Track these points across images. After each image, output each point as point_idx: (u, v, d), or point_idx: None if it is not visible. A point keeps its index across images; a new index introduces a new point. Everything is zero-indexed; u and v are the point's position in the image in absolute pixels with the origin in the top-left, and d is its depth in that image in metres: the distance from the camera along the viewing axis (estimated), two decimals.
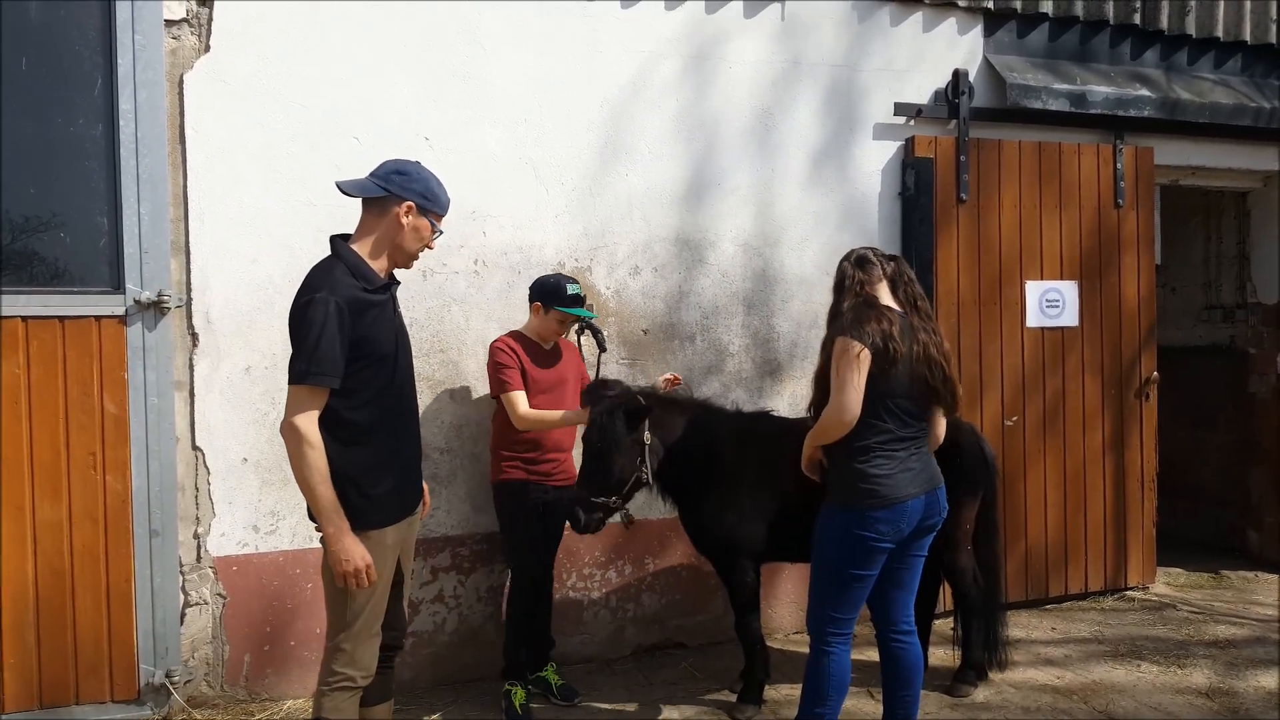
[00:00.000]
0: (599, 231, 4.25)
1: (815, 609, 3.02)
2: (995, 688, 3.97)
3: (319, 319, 2.44)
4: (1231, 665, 4.22)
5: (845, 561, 2.93)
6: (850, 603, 2.96)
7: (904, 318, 2.99)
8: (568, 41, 4.17)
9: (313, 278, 2.56)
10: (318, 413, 2.48)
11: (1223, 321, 6.21)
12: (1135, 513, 5.20)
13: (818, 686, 2.98)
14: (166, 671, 3.60)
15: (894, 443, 2.92)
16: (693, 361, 4.42)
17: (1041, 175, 4.96)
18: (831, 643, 2.98)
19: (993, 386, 4.86)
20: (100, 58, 3.54)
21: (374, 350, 2.56)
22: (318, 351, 2.43)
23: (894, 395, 2.90)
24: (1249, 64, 5.46)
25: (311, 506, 2.52)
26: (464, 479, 4.07)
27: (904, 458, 2.93)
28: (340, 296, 2.48)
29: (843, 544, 2.92)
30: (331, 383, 2.46)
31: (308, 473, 2.46)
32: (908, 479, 2.91)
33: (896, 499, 2.88)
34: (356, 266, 2.59)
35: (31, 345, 3.45)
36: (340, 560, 2.48)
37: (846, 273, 3.08)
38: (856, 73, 4.66)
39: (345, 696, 2.61)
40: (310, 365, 2.43)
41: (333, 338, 2.44)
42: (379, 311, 2.60)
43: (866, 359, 2.85)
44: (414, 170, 2.68)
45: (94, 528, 3.52)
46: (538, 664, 3.89)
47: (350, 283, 2.53)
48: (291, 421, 2.46)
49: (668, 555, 4.40)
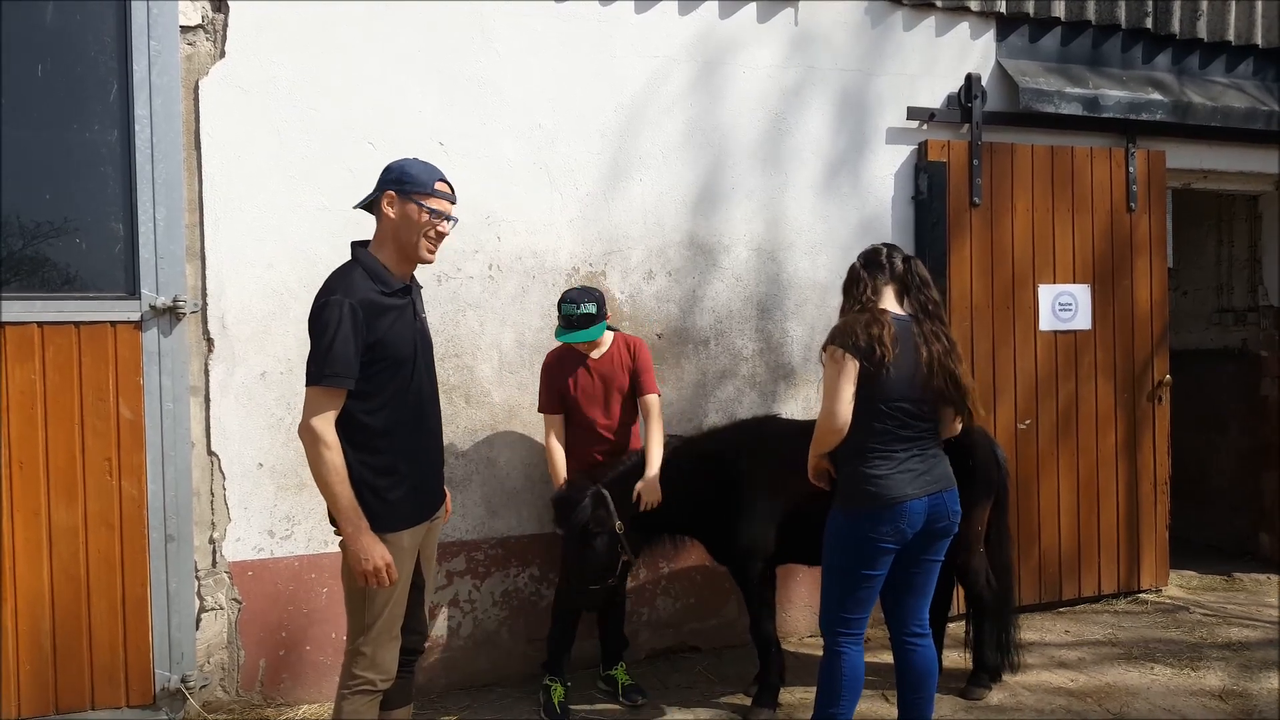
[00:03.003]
0: (613, 236, 4.25)
1: (826, 610, 3.05)
2: (1009, 690, 3.97)
3: (334, 321, 2.46)
4: (1245, 667, 4.22)
5: (851, 562, 2.95)
6: (859, 603, 2.98)
7: (902, 322, 2.97)
8: (581, 47, 4.17)
9: (330, 281, 2.59)
10: (335, 414, 2.49)
11: (1235, 325, 6.19)
12: (1148, 515, 5.20)
13: (831, 687, 3.00)
14: (182, 677, 3.60)
15: (893, 443, 2.92)
16: (706, 366, 4.42)
17: (1054, 179, 4.96)
18: (843, 643, 3.00)
19: (1006, 390, 4.86)
20: (116, 63, 3.54)
21: (391, 353, 2.57)
22: (332, 353, 2.45)
23: (889, 398, 2.89)
24: (1261, 68, 5.45)
25: (330, 507, 2.53)
26: (479, 483, 4.07)
27: (903, 459, 2.93)
28: (356, 299, 2.50)
29: (847, 545, 2.95)
30: (346, 384, 2.48)
31: (325, 473, 2.47)
32: (907, 480, 2.91)
33: (894, 499, 2.88)
34: (374, 270, 2.60)
35: (47, 351, 3.45)
36: (359, 559, 2.49)
37: (855, 275, 3.08)
38: (870, 78, 4.66)
39: (365, 700, 2.61)
40: (325, 367, 2.45)
41: (347, 339, 2.46)
42: (397, 314, 2.61)
43: (853, 366, 2.86)
44: (393, 164, 2.68)
45: (110, 533, 3.52)
46: (610, 662, 3.96)
47: (367, 285, 2.55)
48: (308, 423, 2.48)
49: (682, 559, 4.39)
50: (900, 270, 3.06)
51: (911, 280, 3.06)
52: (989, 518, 3.86)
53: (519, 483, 4.14)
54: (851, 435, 2.92)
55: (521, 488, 4.14)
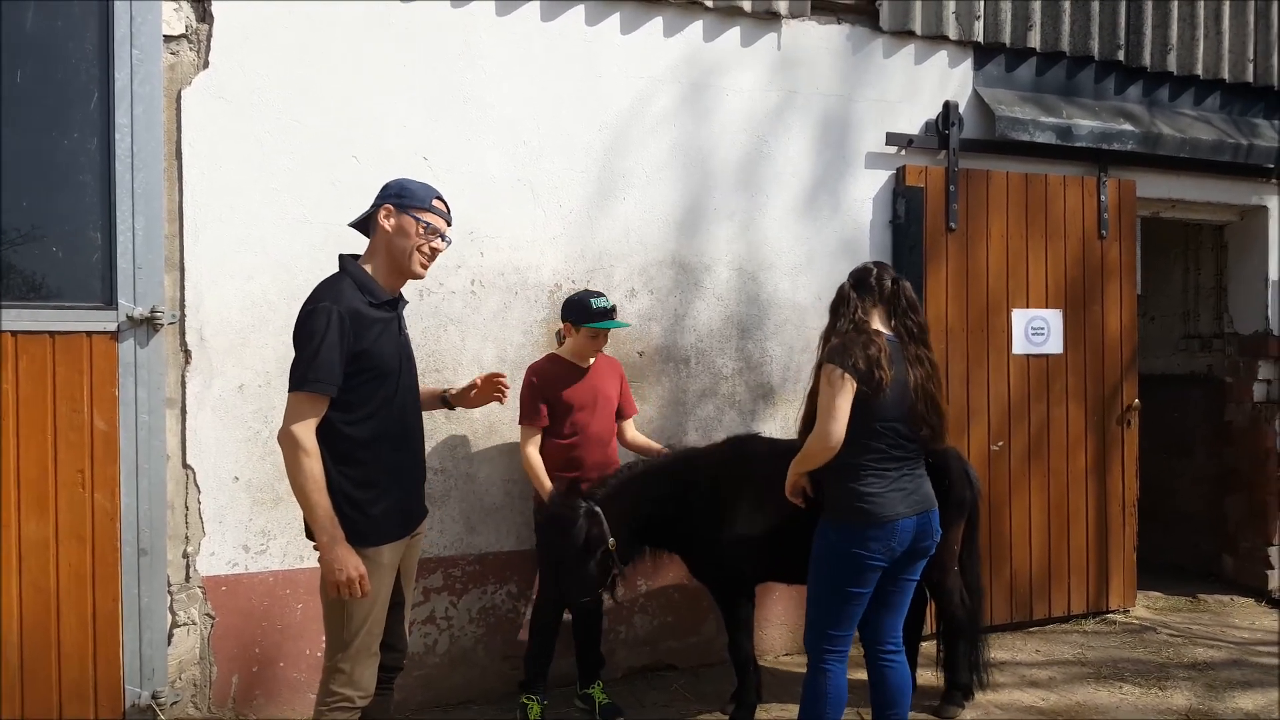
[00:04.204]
0: (596, 254, 4.27)
1: (812, 627, 3.07)
2: (982, 709, 4.01)
3: (320, 328, 2.47)
4: (1210, 687, 4.30)
5: (839, 579, 2.98)
6: (845, 620, 3.01)
7: (892, 343, 3.02)
8: (567, 66, 4.20)
9: (319, 289, 2.61)
10: (316, 421, 2.49)
11: (1201, 351, 6.34)
12: (1117, 537, 5.29)
13: (815, 704, 3.02)
14: (153, 693, 3.53)
15: (886, 462, 2.97)
16: (687, 384, 4.45)
17: (1028, 206, 5.06)
18: (828, 660, 3.02)
19: (979, 412, 4.93)
20: (97, 71, 3.50)
21: (376, 365, 2.58)
22: (318, 359, 2.46)
23: (884, 418, 2.94)
24: (1227, 101, 5.62)
25: (306, 515, 2.51)
26: (458, 499, 4.05)
27: (895, 477, 2.98)
28: (343, 307, 2.52)
29: (836, 562, 2.98)
30: (329, 390, 2.48)
31: (303, 480, 2.46)
32: (899, 498, 2.96)
33: (887, 517, 2.92)
34: (362, 281, 2.63)
35: (21, 360, 3.39)
36: (333, 569, 2.47)
37: (844, 295, 3.11)
38: (850, 103, 4.74)
39: (344, 717, 2.59)
40: (309, 372, 2.46)
41: (333, 346, 2.47)
42: (384, 327, 2.63)
43: (851, 386, 2.89)
44: (391, 181, 2.76)
45: (81, 546, 3.45)
46: (587, 681, 3.95)
47: (355, 296, 2.58)
48: (289, 429, 2.47)
49: (660, 577, 4.40)
50: (889, 292, 3.10)
51: (899, 303, 3.10)
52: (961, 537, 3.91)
53: (498, 498, 4.13)
54: (843, 454, 2.94)
55: (501, 503, 4.13)
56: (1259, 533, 5.82)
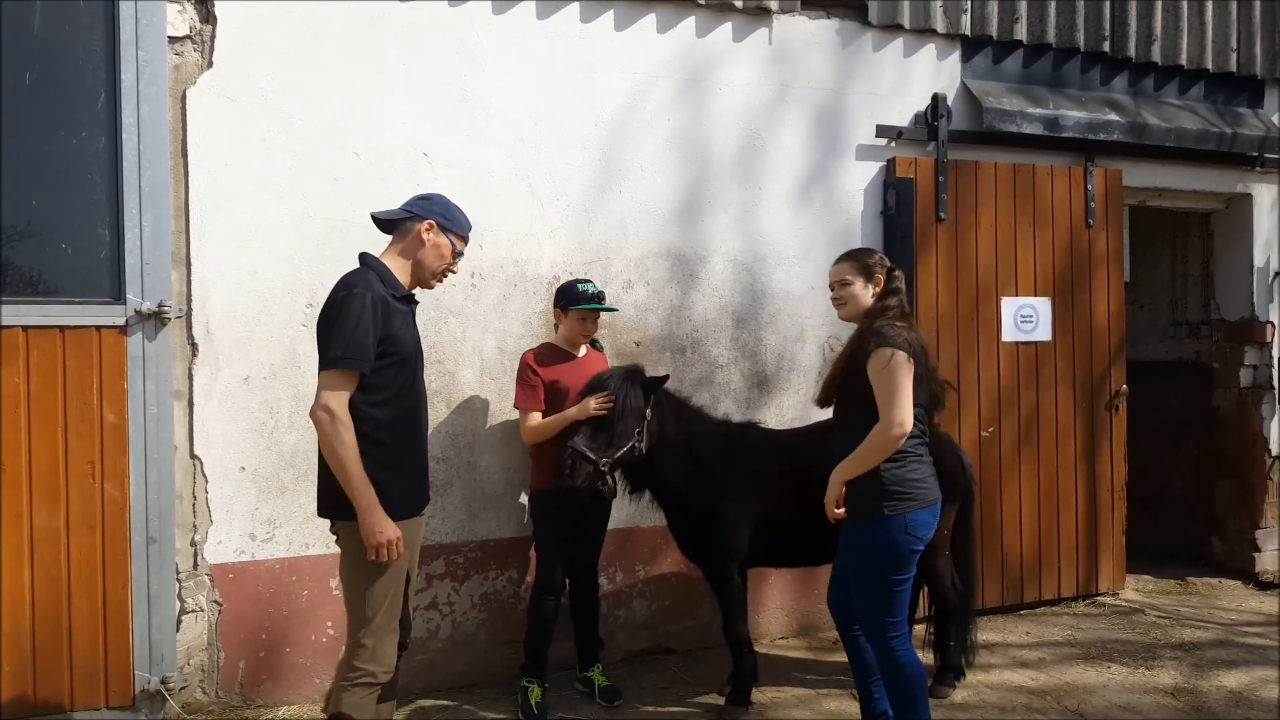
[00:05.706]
0: (593, 246, 4.36)
1: (871, 619, 3.04)
2: (973, 689, 4.10)
3: (356, 309, 2.61)
4: (1197, 666, 4.40)
5: (890, 572, 2.97)
6: (901, 604, 3.02)
7: None
8: (563, 62, 4.28)
9: (348, 278, 2.74)
10: (348, 396, 2.61)
11: (1188, 337, 6.43)
12: (1106, 521, 5.38)
13: (900, 683, 3.02)
14: (162, 678, 3.63)
15: (921, 446, 3.05)
16: (683, 374, 4.53)
17: (1016, 195, 5.14)
18: (894, 641, 3.02)
19: (970, 399, 5.02)
20: (104, 72, 3.58)
21: (399, 351, 2.72)
22: (355, 337, 2.59)
23: (918, 402, 2.98)
24: (1211, 91, 5.70)
25: (343, 484, 2.61)
26: (459, 487, 4.14)
27: (929, 461, 3.07)
28: (375, 294, 2.67)
29: (889, 555, 2.95)
30: (363, 367, 2.61)
31: (342, 451, 2.57)
32: (934, 481, 3.05)
33: (933, 499, 3.00)
34: (385, 276, 2.79)
35: (32, 355, 3.48)
36: (373, 532, 2.59)
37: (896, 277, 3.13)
38: (841, 96, 4.82)
39: (366, 693, 2.68)
40: (346, 350, 2.58)
41: (368, 329, 2.61)
42: (404, 318, 2.79)
43: (912, 369, 2.90)
44: (436, 197, 2.93)
45: (91, 536, 3.55)
46: (586, 664, 4.05)
47: (381, 287, 2.73)
48: (325, 403, 2.58)
49: (658, 562, 4.49)
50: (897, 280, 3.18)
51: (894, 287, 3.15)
52: (954, 522, 4.00)
53: (499, 486, 4.22)
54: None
55: (502, 491, 4.22)
56: (1246, 516, 5.92)
